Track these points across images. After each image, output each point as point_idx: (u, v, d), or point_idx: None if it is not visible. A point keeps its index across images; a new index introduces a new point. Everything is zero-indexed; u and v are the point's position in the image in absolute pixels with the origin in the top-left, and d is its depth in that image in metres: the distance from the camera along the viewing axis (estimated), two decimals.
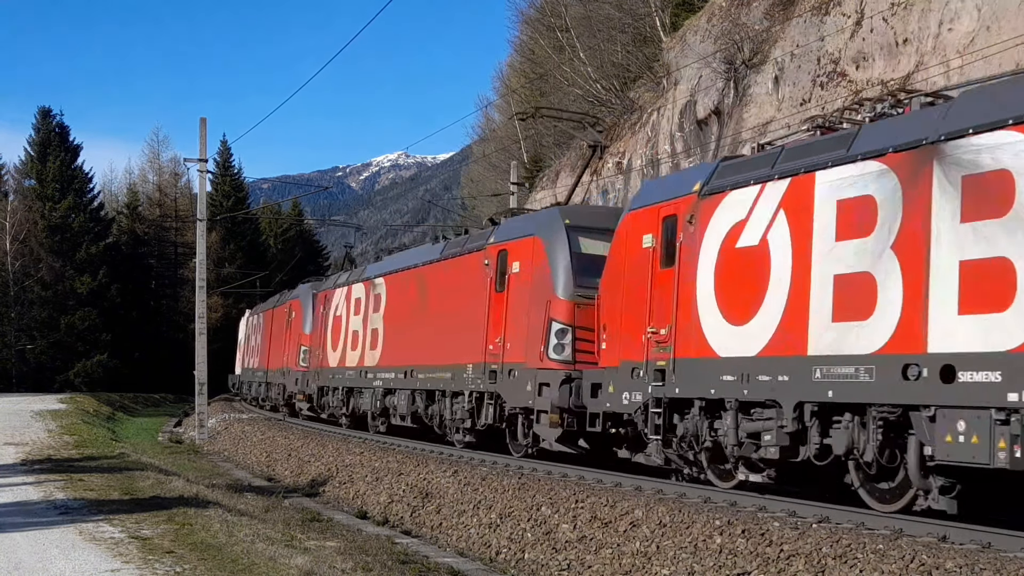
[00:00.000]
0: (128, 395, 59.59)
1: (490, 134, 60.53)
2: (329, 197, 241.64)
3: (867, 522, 10.44)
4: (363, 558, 10.96)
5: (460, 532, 14.58)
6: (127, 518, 12.16)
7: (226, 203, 79.83)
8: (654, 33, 35.90)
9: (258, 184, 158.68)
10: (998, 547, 9.08)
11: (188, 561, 9.60)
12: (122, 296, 69.14)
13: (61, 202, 68.35)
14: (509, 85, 54.28)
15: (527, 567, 12.54)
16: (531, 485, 14.46)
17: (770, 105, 24.65)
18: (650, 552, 11.01)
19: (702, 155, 28.25)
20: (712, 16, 29.41)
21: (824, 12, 22.79)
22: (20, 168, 72.38)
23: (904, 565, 8.59)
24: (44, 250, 64.71)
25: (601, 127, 36.04)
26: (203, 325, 34.95)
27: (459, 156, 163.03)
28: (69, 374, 62.99)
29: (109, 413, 44.99)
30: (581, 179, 23.76)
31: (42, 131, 71.43)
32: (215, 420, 37.35)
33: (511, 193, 37.24)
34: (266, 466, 25.43)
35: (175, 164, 79.56)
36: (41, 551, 9.96)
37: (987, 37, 17.47)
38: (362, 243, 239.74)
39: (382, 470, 19.10)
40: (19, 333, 62.92)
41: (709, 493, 12.86)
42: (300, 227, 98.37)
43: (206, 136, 36.15)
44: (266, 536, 11.50)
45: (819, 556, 9.28)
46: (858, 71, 21.33)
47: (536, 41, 47.56)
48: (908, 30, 19.86)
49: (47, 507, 13.18)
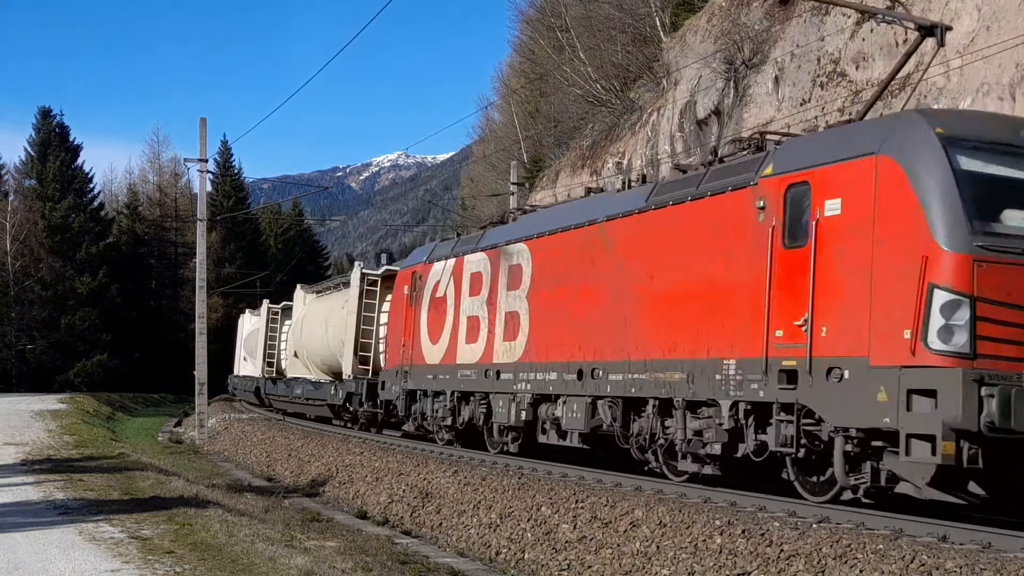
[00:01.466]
0: (128, 395, 59.64)
1: (490, 134, 60.59)
2: (329, 197, 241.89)
3: (867, 522, 10.44)
4: (363, 558, 10.96)
5: (460, 532, 14.58)
6: (127, 518, 12.16)
7: (226, 203, 79.89)
8: (654, 33, 35.92)
9: (258, 184, 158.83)
10: (998, 547, 9.08)
11: (188, 561, 9.60)
12: (122, 296, 69.20)
13: (61, 202, 68.42)
14: (509, 85, 54.35)
15: (527, 567, 12.54)
16: (531, 485, 14.46)
17: (770, 105, 24.66)
18: (650, 552, 11.01)
19: (702, 155, 28.27)
20: (712, 16, 29.41)
21: (824, 12, 22.79)
22: (20, 168, 72.52)
23: (904, 565, 8.59)
24: (44, 250, 64.74)
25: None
26: (203, 325, 34.96)
27: (459, 156, 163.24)
28: (69, 374, 63.03)
29: (109, 413, 45.02)
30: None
31: (42, 131, 71.50)
32: (215, 420, 37.36)
33: (511, 193, 37.26)
34: (266, 466, 25.44)
35: (175, 164, 79.77)
36: (41, 551, 9.95)
37: (987, 37, 17.47)
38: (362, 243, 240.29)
39: (382, 470, 19.10)
40: (19, 333, 62.96)
41: (709, 493, 12.86)
42: (300, 227, 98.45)
43: (206, 136, 36.18)
44: (266, 536, 11.50)
45: (819, 556, 9.28)
46: (858, 71, 21.33)
47: (536, 41, 47.61)
48: (908, 30, 19.83)
49: (47, 507, 13.18)
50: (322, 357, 32.30)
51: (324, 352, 31.96)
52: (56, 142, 71.14)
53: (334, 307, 31.03)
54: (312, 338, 33.37)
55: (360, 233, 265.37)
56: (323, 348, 32.00)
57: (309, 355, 33.84)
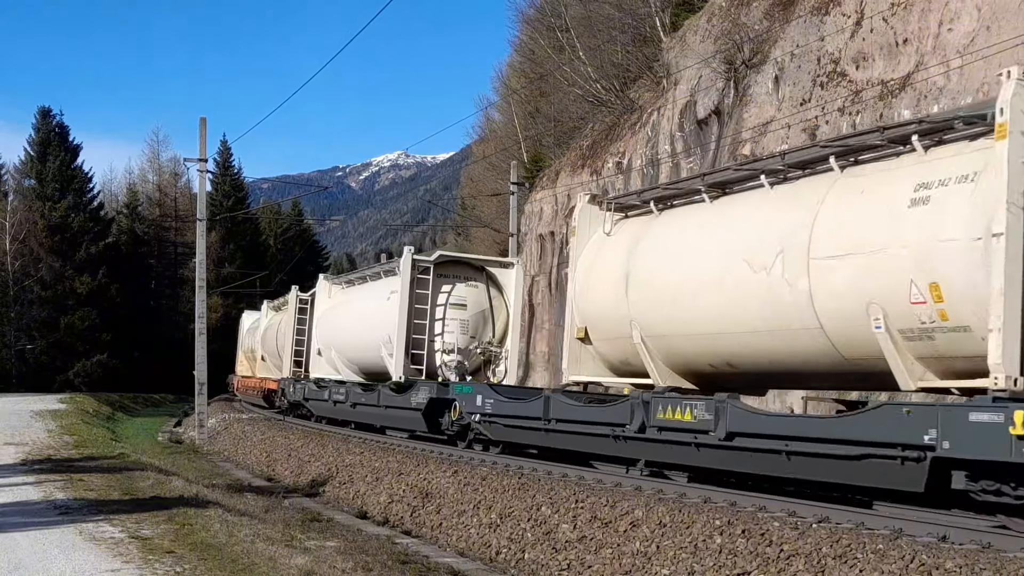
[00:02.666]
0: (128, 395, 59.62)
1: (490, 134, 60.56)
2: (329, 197, 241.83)
3: (867, 522, 10.45)
4: (363, 558, 10.96)
5: (460, 532, 14.57)
6: (127, 518, 12.16)
7: (226, 203, 79.87)
8: (654, 33, 35.90)
9: (258, 184, 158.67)
10: (998, 547, 9.08)
11: (188, 561, 9.60)
12: (122, 296, 69.17)
13: (61, 202, 68.41)
14: (509, 85, 54.32)
15: (527, 567, 12.54)
16: (531, 485, 14.46)
17: (770, 105, 24.65)
18: (650, 552, 11.01)
19: (702, 155, 28.25)
20: (712, 16, 29.41)
21: (824, 12, 22.79)
22: (20, 168, 72.48)
23: (904, 565, 8.59)
24: (44, 250, 64.71)
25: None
26: (203, 325, 34.97)
27: (459, 156, 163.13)
28: (69, 374, 63.03)
29: (109, 413, 45.03)
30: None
31: (42, 131, 71.48)
32: (215, 420, 37.35)
33: (511, 193, 37.26)
34: (266, 466, 25.43)
35: (175, 164, 79.75)
36: (41, 551, 9.96)
37: (987, 37, 17.46)
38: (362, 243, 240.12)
39: (382, 470, 19.10)
40: (19, 333, 62.95)
41: (709, 493, 12.86)
42: (300, 227, 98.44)
43: (206, 136, 36.21)
44: (266, 536, 11.50)
45: (819, 556, 9.28)
46: (858, 71, 21.33)
47: (536, 41, 47.57)
48: (908, 30, 19.85)
49: (47, 507, 13.18)
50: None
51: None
52: (56, 142, 71.13)
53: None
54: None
55: (360, 233, 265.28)
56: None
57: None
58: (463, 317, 23.80)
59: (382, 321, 24.43)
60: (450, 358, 23.48)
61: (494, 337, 24.20)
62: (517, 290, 24.36)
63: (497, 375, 24.05)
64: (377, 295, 25.81)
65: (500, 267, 24.91)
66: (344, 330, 28.63)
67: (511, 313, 24.30)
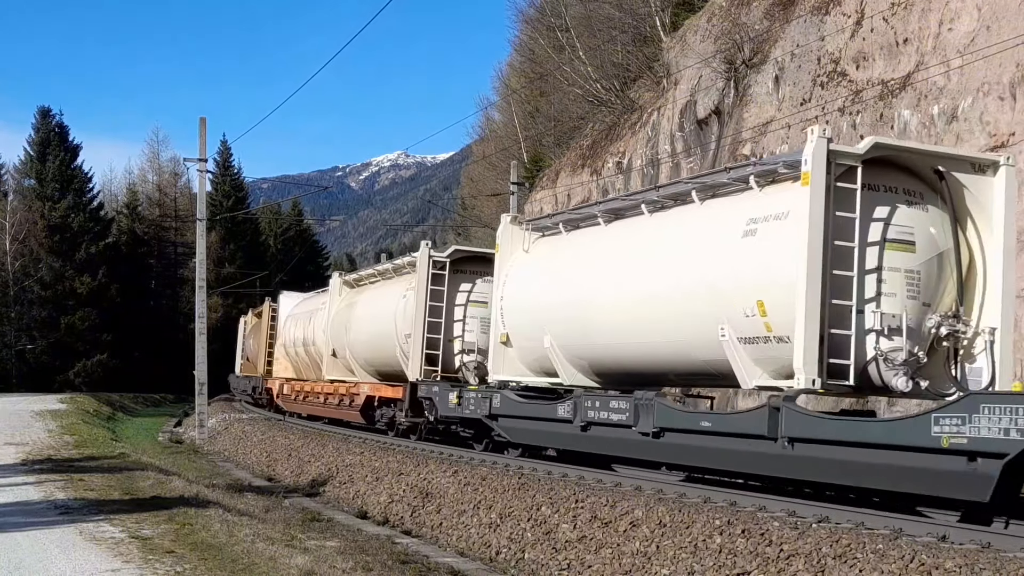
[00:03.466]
0: (128, 395, 59.64)
1: (490, 134, 60.59)
2: (329, 197, 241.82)
3: (867, 522, 10.44)
4: (363, 558, 10.97)
5: (460, 532, 14.58)
6: (127, 518, 12.17)
7: (226, 203, 79.85)
8: (654, 33, 35.92)
9: (258, 184, 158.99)
10: (998, 547, 9.08)
11: (188, 561, 9.60)
12: (122, 296, 69.17)
13: (61, 202, 68.43)
14: (509, 85, 54.33)
15: (527, 567, 12.55)
16: (531, 485, 14.46)
17: (770, 105, 24.66)
18: (650, 552, 11.02)
19: (702, 155, 28.27)
20: (712, 16, 29.43)
21: (824, 12, 22.79)
22: (20, 168, 72.50)
23: (904, 565, 8.59)
24: (44, 250, 64.73)
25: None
26: (203, 325, 34.98)
27: (459, 156, 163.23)
28: (69, 374, 63.04)
29: (109, 413, 45.04)
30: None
31: (42, 131, 71.50)
32: (215, 420, 37.36)
33: (511, 193, 37.27)
34: (266, 466, 25.44)
35: (175, 164, 79.69)
36: (42, 551, 9.96)
37: (987, 37, 17.46)
38: (362, 243, 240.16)
39: (382, 470, 19.10)
40: (19, 333, 62.98)
41: (709, 493, 12.87)
42: (300, 227, 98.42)
43: (206, 136, 36.23)
44: (266, 536, 11.51)
45: (819, 556, 9.28)
46: (858, 71, 21.33)
47: (536, 41, 47.60)
48: (908, 30, 19.85)
49: (47, 507, 13.19)
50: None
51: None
52: (55, 142, 71.14)
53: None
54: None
55: (360, 233, 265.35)
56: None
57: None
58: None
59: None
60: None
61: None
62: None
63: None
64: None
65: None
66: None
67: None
